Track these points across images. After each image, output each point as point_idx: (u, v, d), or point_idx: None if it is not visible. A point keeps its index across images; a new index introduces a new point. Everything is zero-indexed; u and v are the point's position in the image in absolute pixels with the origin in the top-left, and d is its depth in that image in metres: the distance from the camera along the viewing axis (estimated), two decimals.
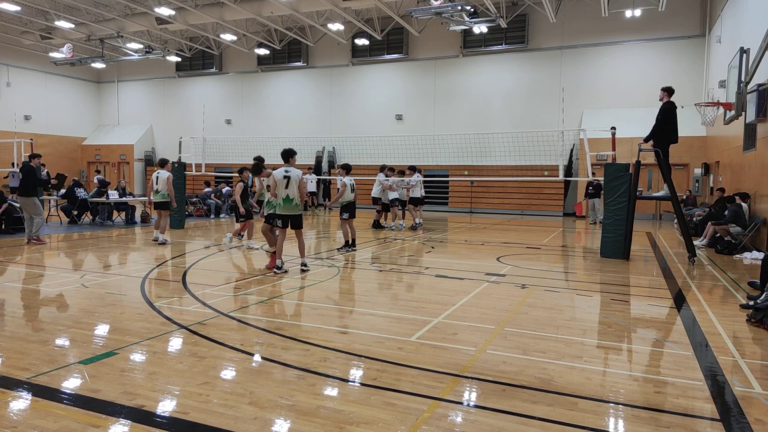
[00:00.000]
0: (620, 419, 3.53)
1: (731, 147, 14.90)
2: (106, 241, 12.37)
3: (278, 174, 8.44)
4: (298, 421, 3.39)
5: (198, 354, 4.62)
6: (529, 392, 3.90)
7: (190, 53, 30.18)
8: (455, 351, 4.79)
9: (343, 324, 5.66)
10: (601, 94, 22.44)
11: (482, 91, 24.44)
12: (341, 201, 11.21)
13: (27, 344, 4.90)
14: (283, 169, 8.49)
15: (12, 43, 27.55)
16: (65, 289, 7.03)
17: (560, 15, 22.57)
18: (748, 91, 11.38)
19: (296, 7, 21.74)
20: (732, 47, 13.32)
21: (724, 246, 11.51)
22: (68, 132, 31.63)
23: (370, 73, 26.79)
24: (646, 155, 10.56)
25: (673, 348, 5.01)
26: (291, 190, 8.43)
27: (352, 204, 11.32)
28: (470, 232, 15.86)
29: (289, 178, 8.40)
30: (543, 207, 23.19)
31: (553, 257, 10.97)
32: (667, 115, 10.07)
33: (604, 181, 11.10)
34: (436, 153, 23.39)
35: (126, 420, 3.39)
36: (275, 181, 8.40)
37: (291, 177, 8.41)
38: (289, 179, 8.40)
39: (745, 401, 3.81)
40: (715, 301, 7.06)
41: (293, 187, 8.43)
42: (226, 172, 26.10)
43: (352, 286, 7.95)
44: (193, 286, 7.46)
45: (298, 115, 27.96)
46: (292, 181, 8.42)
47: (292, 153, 8.63)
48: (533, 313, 6.20)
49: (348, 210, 11.24)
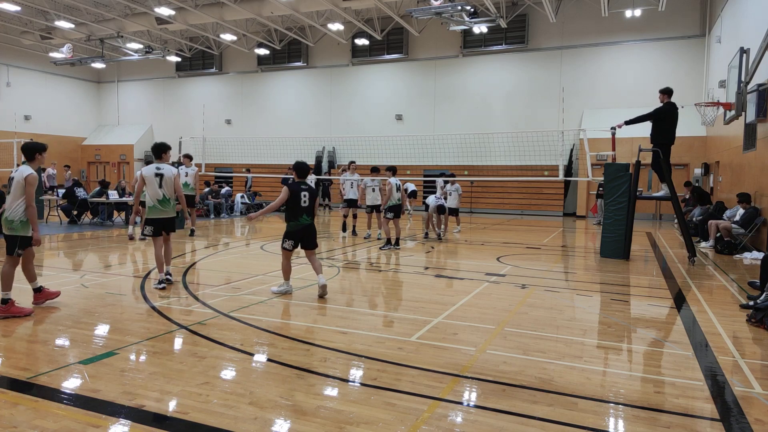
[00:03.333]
0: (620, 419, 3.53)
1: (731, 147, 14.90)
2: (106, 241, 12.37)
3: (148, 171, 7.44)
4: (298, 421, 3.39)
5: (198, 354, 4.62)
6: (529, 392, 3.90)
7: (190, 53, 30.17)
8: (455, 351, 4.79)
9: (343, 324, 5.66)
10: (601, 94, 22.44)
11: (482, 91, 24.44)
12: (390, 202, 11.67)
13: (27, 344, 4.90)
14: (154, 166, 7.51)
15: (12, 43, 27.53)
16: (65, 289, 7.02)
17: (560, 15, 22.57)
18: (748, 91, 11.37)
19: (296, 7, 21.74)
20: (732, 47, 13.31)
21: (724, 246, 11.50)
22: (68, 132, 31.62)
23: (370, 73, 26.78)
24: (646, 155, 10.55)
25: (673, 348, 5.01)
26: (166, 189, 7.47)
27: (398, 205, 11.81)
28: (470, 232, 15.86)
29: (162, 177, 7.44)
30: (543, 207, 23.19)
31: (553, 257, 10.97)
32: (667, 115, 10.07)
33: (604, 181, 11.10)
34: (436, 153, 23.39)
35: (126, 420, 3.39)
36: (144, 179, 7.45)
37: (164, 175, 7.46)
38: (162, 177, 7.45)
39: (745, 401, 3.80)
40: (715, 301, 7.06)
41: (168, 187, 7.49)
42: (226, 172, 26.09)
43: (352, 285, 7.95)
44: (193, 286, 7.46)
45: (298, 115, 27.97)
46: (166, 180, 7.47)
47: (166, 148, 7.63)
48: (533, 313, 6.20)
49: (393, 210, 11.68)
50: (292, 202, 6.82)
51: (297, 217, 6.86)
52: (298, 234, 6.90)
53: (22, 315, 5.80)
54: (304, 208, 6.85)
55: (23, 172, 5.86)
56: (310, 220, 6.95)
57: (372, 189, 13.34)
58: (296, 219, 6.86)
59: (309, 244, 7.04)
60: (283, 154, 23.59)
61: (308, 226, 6.95)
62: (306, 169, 7.07)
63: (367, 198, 13.45)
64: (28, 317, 5.78)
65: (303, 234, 6.93)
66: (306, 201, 6.86)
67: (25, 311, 5.87)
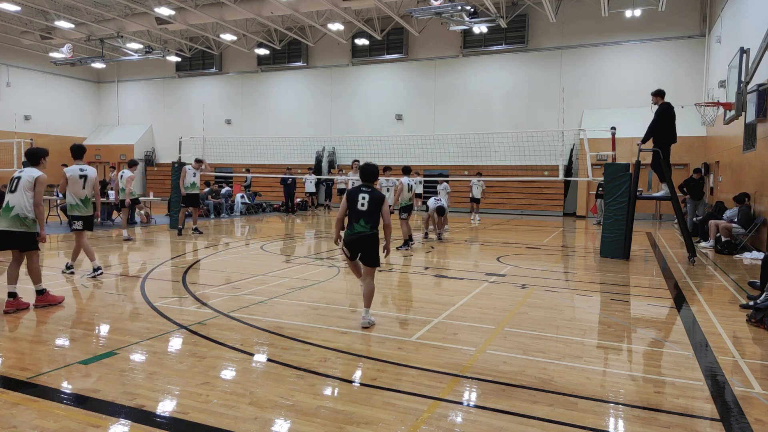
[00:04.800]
0: (620, 419, 3.53)
1: (731, 147, 14.90)
2: (106, 241, 12.36)
3: (72, 171, 7.70)
4: (298, 421, 3.39)
5: (198, 354, 4.62)
6: (529, 392, 3.90)
7: (190, 53, 30.18)
8: (455, 351, 4.79)
9: (343, 324, 5.66)
10: (601, 94, 22.44)
11: (482, 91, 24.45)
12: (400, 202, 11.79)
13: (27, 344, 4.90)
14: (77, 167, 7.76)
15: (12, 43, 27.54)
16: (65, 289, 7.03)
17: (560, 15, 22.57)
18: (748, 91, 11.37)
19: (296, 7, 21.74)
20: (732, 47, 13.31)
21: (724, 246, 11.50)
22: (68, 132, 31.61)
23: (370, 73, 26.78)
24: (646, 155, 10.56)
25: (673, 348, 5.01)
26: (88, 190, 7.83)
27: (411, 205, 11.95)
28: (470, 232, 15.86)
29: (86, 177, 7.76)
30: (543, 207, 23.19)
31: (553, 257, 10.97)
32: (665, 116, 10.07)
33: (604, 181, 11.10)
34: (436, 153, 23.40)
35: (126, 420, 3.39)
36: (67, 179, 7.70)
37: (88, 176, 7.77)
38: (86, 178, 7.77)
39: (745, 401, 3.80)
40: (715, 301, 7.06)
41: (89, 188, 7.82)
42: (226, 172, 26.09)
43: (352, 286, 7.95)
44: (193, 286, 7.47)
45: (298, 115, 27.97)
46: (90, 181, 7.79)
47: (84, 150, 7.95)
48: (533, 313, 6.20)
49: (407, 210, 11.83)
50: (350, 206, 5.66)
51: (352, 223, 5.64)
52: (354, 244, 5.61)
53: (56, 303, 6.25)
54: (362, 212, 5.55)
55: (32, 173, 6.07)
56: (368, 228, 5.53)
57: (386, 189, 13.46)
58: (350, 227, 5.65)
59: (365, 259, 5.66)
60: (283, 154, 23.61)
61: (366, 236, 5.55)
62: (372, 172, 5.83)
63: None
64: (60, 305, 6.23)
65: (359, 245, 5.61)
66: (364, 205, 5.55)
67: (59, 299, 6.32)
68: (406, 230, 11.71)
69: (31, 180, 6.00)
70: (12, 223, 5.92)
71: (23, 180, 6.01)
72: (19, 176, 6.09)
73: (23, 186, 5.99)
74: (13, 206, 5.92)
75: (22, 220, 5.94)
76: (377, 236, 5.56)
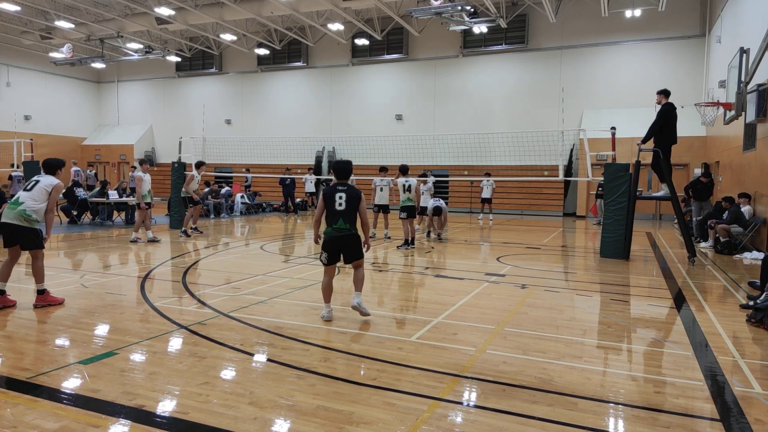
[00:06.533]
0: (620, 419, 3.53)
1: (731, 147, 14.90)
2: (106, 241, 12.37)
3: None
4: (298, 421, 3.39)
5: (198, 354, 4.62)
6: (529, 392, 3.90)
7: (190, 53, 30.17)
8: (455, 351, 4.79)
9: (343, 324, 5.66)
10: (601, 94, 22.44)
11: (482, 91, 24.44)
12: (403, 202, 11.76)
13: (27, 344, 4.90)
14: None
15: (12, 43, 27.53)
16: (65, 289, 7.03)
17: (560, 15, 22.57)
18: (748, 91, 11.38)
19: (296, 7, 21.74)
20: (732, 47, 13.32)
21: (724, 246, 11.50)
22: (68, 132, 31.62)
23: (370, 73, 26.78)
24: (646, 155, 10.56)
25: (673, 348, 5.01)
26: None
27: (411, 205, 11.87)
28: (470, 232, 15.86)
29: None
30: (543, 207, 23.18)
31: (553, 257, 10.97)
32: (667, 116, 10.07)
33: (604, 181, 11.10)
34: (436, 153, 23.39)
35: (126, 420, 3.39)
36: None
37: None
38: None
39: (745, 401, 3.80)
40: (715, 301, 7.06)
41: None
42: (226, 172, 26.10)
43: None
44: (193, 286, 7.47)
45: (298, 115, 27.96)
46: None
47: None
48: (533, 313, 6.20)
49: (405, 210, 11.72)
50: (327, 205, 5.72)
51: (331, 224, 5.70)
52: (334, 244, 5.67)
53: (56, 304, 6.26)
54: (340, 212, 5.64)
55: (51, 180, 6.31)
56: (347, 228, 5.65)
57: (380, 189, 13.40)
58: (330, 225, 5.71)
59: (349, 257, 5.78)
60: (283, 154, 23.61)
61: (346, 236, 5.66)
62: (345, 169, 5.92)
63: (375, 197, 13.51)
64: (61, 305, 6.23)
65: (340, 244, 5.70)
66: (342, 204, 5.64)
67: (59, 300, 6.34)
68: (406, 230, 11.70)
69: (48, 188, 6.22)
70: (15, 216, 6.06)
71: (42, 184, 6.24)
72: (38, 180, 6.31)
73: (39, 190, 6.19)
74: (22, 202, 6.08)
75: (26, 216, 6.07)
76: (358, 235, 5.76)
